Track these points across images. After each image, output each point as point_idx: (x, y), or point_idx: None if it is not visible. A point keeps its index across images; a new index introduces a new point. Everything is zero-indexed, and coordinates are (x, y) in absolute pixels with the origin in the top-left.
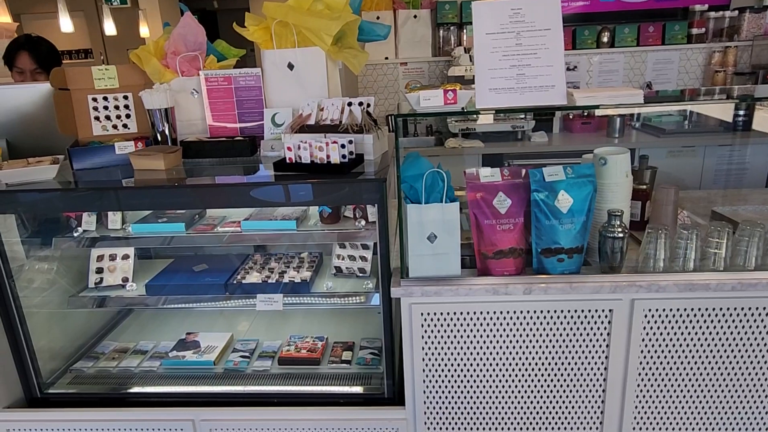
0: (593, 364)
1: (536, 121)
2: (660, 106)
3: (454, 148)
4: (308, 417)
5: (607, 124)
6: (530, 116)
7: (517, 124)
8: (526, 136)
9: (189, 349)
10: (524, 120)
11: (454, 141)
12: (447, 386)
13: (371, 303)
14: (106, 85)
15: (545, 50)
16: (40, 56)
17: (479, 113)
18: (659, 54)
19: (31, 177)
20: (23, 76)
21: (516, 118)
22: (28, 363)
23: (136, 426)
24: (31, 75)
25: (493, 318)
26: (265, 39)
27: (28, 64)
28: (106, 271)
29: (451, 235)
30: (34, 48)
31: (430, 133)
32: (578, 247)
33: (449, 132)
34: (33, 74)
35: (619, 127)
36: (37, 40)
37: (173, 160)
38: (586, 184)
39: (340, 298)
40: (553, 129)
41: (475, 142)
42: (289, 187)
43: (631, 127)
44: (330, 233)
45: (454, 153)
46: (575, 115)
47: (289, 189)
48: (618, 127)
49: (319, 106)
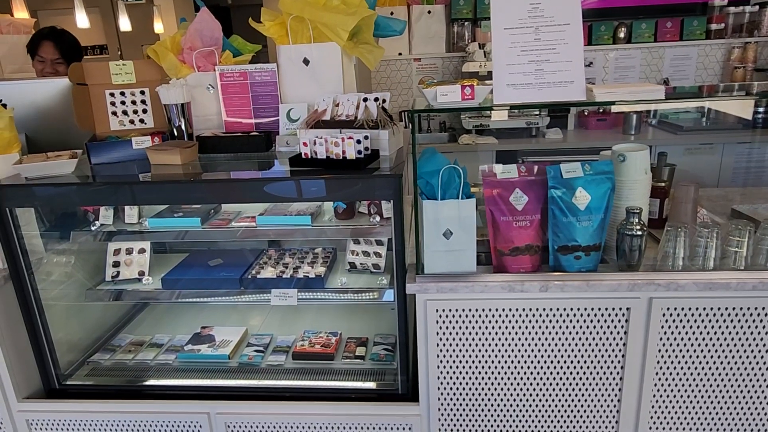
0: (609, 363)
1: (551, 117)
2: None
3: (467, 145)
4: (323, 412)
5: (623, 121)
6: (545, 113)
7: (531, 120)
8: (541, 133)
9: (204, 343)
10: (539, 116)
11: (467, 137)
12: (461, 383)
13: (385, 299)
14: (124, 80)
15: (564, 45)
16: (63, 47)
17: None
18: (677, 50)
19: (50, 171)
20: (44, 64)
21: (530, 114)
22: (46, 354)
23: (152, 418)
24: (51, 64)
25: (509, 315)
26: (280, 34)
27: (50, 54)
28: (123, 265)
29: (467, 232)
30: (57, 38)
31: (443, 130)
32: (596, 245)
33: (463, 128)
34: (53, 64)
35: (635, 123)
36: (61, 32)
37: (189, 155)
38: (604, 181)
39: (354, 294)
40: (567, 126)
41: (488, 139)
42: (305, 183)
43: (647, 124)
44: (345, 229)
45: (467, 149)
46: (590, 112)
47: (304, 184)
48: (634, 123)
49: (334, 101)
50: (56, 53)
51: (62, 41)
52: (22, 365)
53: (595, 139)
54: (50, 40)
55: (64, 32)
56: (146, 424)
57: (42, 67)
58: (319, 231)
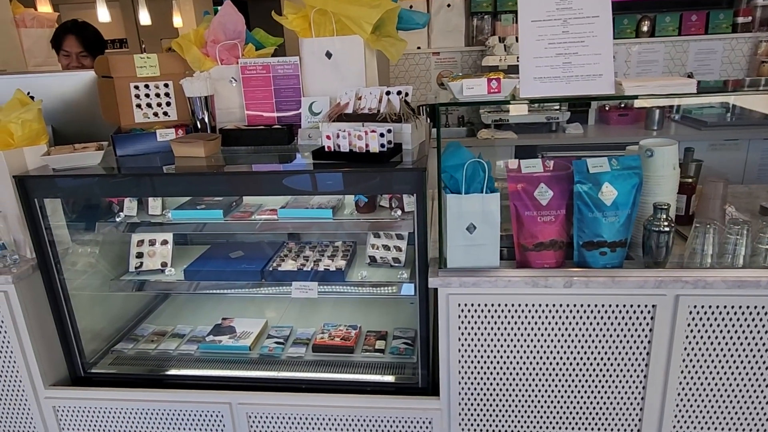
0: (633, 360)
1: (571, 112)
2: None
3: (486, 140)
4: (344, 404)
5: (645, 116)
6: (565, 107)
7: (551, 115)
8: (561, 128)
9: (225, 334)
10: (559, 111)
11: (486, 132)
12: (483, 378)
13: (405, 293)
14: (148, 73)
15: (593, 38)
16: (86, 40)
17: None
18: (702, 44)
19: (77, 162)
20: (69, 59)
21: (550, 109)
22: (72, 343)
23: (175, 407)
24: (76, 58)
25: (531, 311)
26: (303, 27)
27: (74, 47)
28: (146, 256)
29: (490, 226)
30: (80, 32)
31: (461, 124)
32: (622, 241)
33: (482, 123)
34: (78, 57)
35: (658, 119)
36: (84, 25)
37: (213, 148)
38: (631, 176)
39: (375, 288)
40: (588, 121)
41: (508, 134)
42: (329, 176)
43: (670, 120)
44: (366, 222)
45: (486, 144)
46: (612, 107)
47: (328, 177)
48: (657, 119)
49: (356, 94)
50: (80, 47)
51: (85, 34)
52: (48, 353)
53: (616, 134)
54: (74, 34)
55: (87, 25)
56: (169, 412)
57: (68, 61)
58: (341, 224)
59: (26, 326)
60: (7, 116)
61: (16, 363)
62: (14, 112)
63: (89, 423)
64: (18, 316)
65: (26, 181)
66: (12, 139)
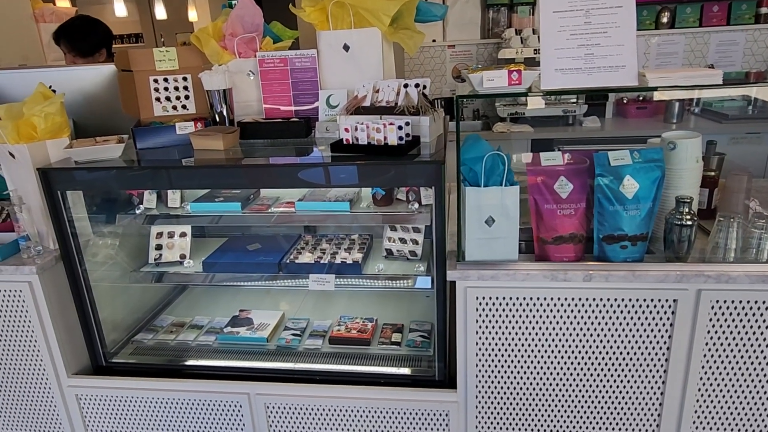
0: (653, 356)
1: (588, 105)
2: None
3: (502, 133)
4: (361, 395)
5: (664, 109)
6: (582, 100)
7: (568, 108)
8: (578, 121)
9: (242, 326)
10: (576, 104)
11: (502, 125)
12: (500, 372)
13: (422, 286)
14: (167, 66)
15: (616, 29)
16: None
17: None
18: (723, 35)
19: (98, 155)
20: (67, 58)
21: (567, 102)
22: (94, 333)
23: (195, 397)
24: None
25: (550, 305)
26: (321, 20)
27: (65, 48)
28: (165, 248)
29: (509, 220)
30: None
31: (476, 118)
32: (643, 235)
33: (497, 116)
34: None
35: (677, 112)
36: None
37: (231, 141)
38: (653, 169)
39: (392, 281)
40: (606, 114)
41: (524, 127)
42: (348, 168)
43: (690, 112)
44: (383, 215)
45: (502, 138)
46: (630, 100)
47: (347, 170)
48: (676, 111)
49: (374, 87)
50: (67, 48)
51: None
52: (71, 343)
53: (634, 127)
54: (62, 37)
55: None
56: (189, 402)
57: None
58: (358, 217)
59: (50, 316)
60: (31, 110)
61: (40, 352)
62: (37, 106)
63: (111, 411)
64: (42, 306)
65: (49, 174)
66: (35, 133)
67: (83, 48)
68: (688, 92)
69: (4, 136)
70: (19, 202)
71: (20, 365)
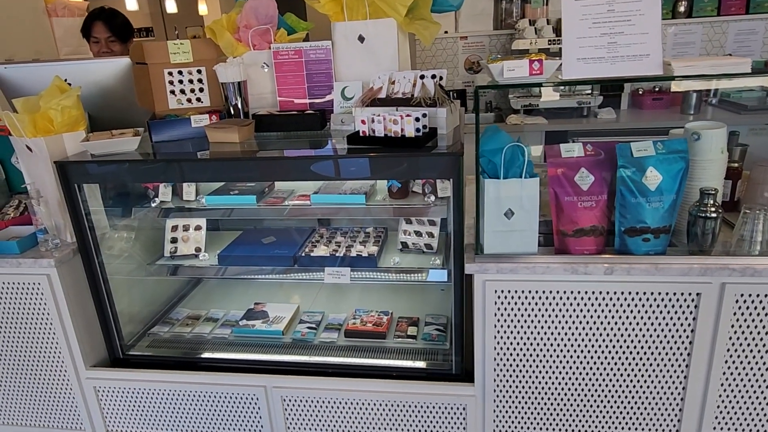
0: (675, 350)
1: (604, 96)
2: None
3: (515, 125)
4: (378, 389)
5: (681, 100)
6: (597, 92)
7: (583, 100)
8: (592, 113)
9: (258, 319)
10: (591, 96)
11: (515, 117)
12: (518, 365)
13: (439, 279)
14: (181, 59)
15: (640, 17)
16: (114, 25)
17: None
18: (742, 24)
19: (115, 148)
20: (99, 45)
21: (582, 93)
22: (111, 325)
23: (212, 389)
24: (105, 44)
25: (570, 298)
26: (335, 11)
27: (102, 33)
28: (180, 241)
29: (529, 212)
30: (107, 18)
31: (489, 110)
32: (665, 227)
33: (510, 108)
34: (107, 43)
35: (695, 103)
36: (111, 11)
37: (246, 133)
38: (677, 161)
39: (407, 274)
40: (621, 105)
41: (537, 119)
42: (366, 161)
43: (707, 103)
44: (399, 208)
45: (515, 130)
46: (645, 91)
47: (365, 162)
48: (694, 102)
49: (390, 79)
50: (108, 32)
51: (113, 20)
52: (89, 335)
53: (650, 118)
54: (101, 20)
55: (114, 11)
56: (206, 394)
57: (98, 48)
58: (374, 210)
59: (68, 308)
60: (47, 103)
61: (58, 344)
62: (54, 99)
63: (129, 403)
64: (60, 299)
65: (67, 167)
66: (52, 126)
67: (123, 30)
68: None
69: (21, 130)
70: (37, 196)
71: (40, 357)
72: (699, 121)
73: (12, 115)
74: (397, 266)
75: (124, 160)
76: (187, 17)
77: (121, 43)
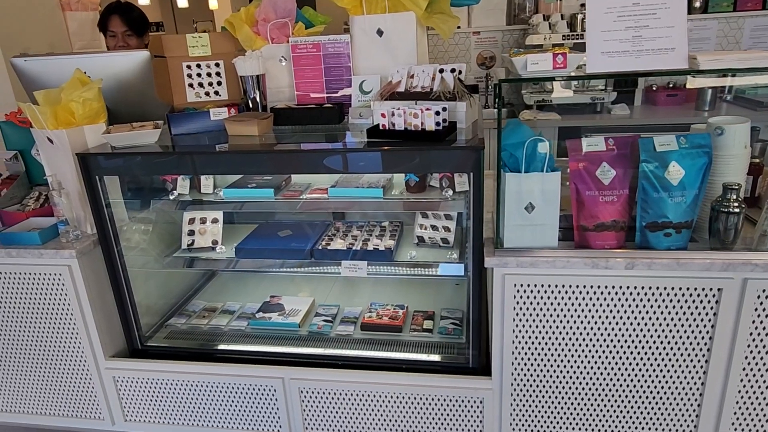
0: (695, 345)
1: (617, 92)
2: None
3: (528, 121)
4: (395, 381)
5: (696, 97)
6: (611, 87)
7: (596, 95)
8: (606, 109)
9: (274, 312)
10: (604, 92)
11: (528, 113)
12: (537, 360)
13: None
14: (200, 53)
15: (665, 10)
16: (130, 19)
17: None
18: (759, 19)
19: (136, 141)
20: (115, 39)
21: (595, 89)
22: (131, 316)
23: (230, 380)
24: (122, 37)
25: (590, 292)
26: (354, 5)
27: (119, 27)
28: (197, 234)
29: (550, 206)
30: (124, 12)
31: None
32: (687, 222)
33: (523, 104)
34: (123, 37)
35: (710, 99)
36: (127, 5)
37: (265, 127)
38: (700, 155)
39: (424, 268)
40: (634, 101)
41: (551, 115)
42: (387, 154)
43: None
44: (416, 202)
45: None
46: (659, 87)
47: (386, 156)
48: (708, 99)
49: (408, 73)
50: (124, 26)
51: (129, 14)
52: (108, 326)
53: (664, 115)
54: (117, 14)
55: (130, 5)
56: (224, 385)
57: (114, 41)
58: (391, 204)
59: (88, 299)
60: (69, 95)
61: (79, 335)
62: (75, 91)
63: (147, 393)
64: (81, 290)
65: (88, 159)
66: (73, 118)
67: (140, 23)
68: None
69: (43, 122)
70: (59, 187)
71: (60, 347)
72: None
73: (34, 107)
74: (413, 260)
75: (145, 152)
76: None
77: (138, 37)
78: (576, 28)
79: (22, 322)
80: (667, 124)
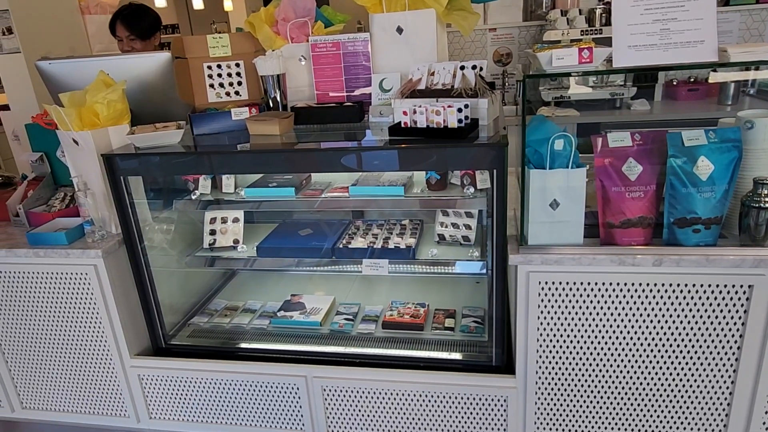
0: (725, 344)
1: (637, 88)
2: None
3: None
4: (418, 380)
5: (718, 91)
6: (630, 82)
7: (616, 91)
8: (625, 105)
9: (295, 310)
10: (624, 87)
11: (546, 110)
12: (562, 358)
13: (477, 271)
14: (220, 53)
15: (694, 2)
16: (131, 24)
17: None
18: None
19: (159, 141)
20: (122, 43)
21: (614, 84)
22: (155, 315)
23: (253, 379)
24: (126, 42)
25: (616, 290)
26: (374, 3)
27: (122, 32)
28: (219, 233)
29: (575, 203)
30: (125, 17)
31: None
32: (717, 218)
33: (540, 100)
34: (128, 41)
35: (732, 93)
36: (130, 11)
37: (287, 126)
38: (730, 150)
39: (445, 266)
40: (654, 96)
41: (569, 111)
42: (410, 152)
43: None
44: (438, 200)
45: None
46: (680, 81)
47: (409, 153)
48: (731, 93)
49: (429, 70)
50: (127, 31)
51: (131, 19)
52: (133, 324)
53: (685, 110)
54: (120, 20)
55: (135, 10)
56: (247, 383)
57: (121, 46)
58: (412, 202)
59: (113, 298)
60: (93, 97)
61: (104, 333)
62: (100, 93)
63: (171, 391)
64: (106, 289)
65: (113, 160)
66: (98, 120)
67: (142, 28)
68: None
69: (68, 123)
70: (84, 188)
71: (87, 345)
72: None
73: (59, 109)
74: (435, 258)
75: (169, 152)
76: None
77: (142, 41)
78: (594, 23)
79: (49, 321)
80: (689, 119)
